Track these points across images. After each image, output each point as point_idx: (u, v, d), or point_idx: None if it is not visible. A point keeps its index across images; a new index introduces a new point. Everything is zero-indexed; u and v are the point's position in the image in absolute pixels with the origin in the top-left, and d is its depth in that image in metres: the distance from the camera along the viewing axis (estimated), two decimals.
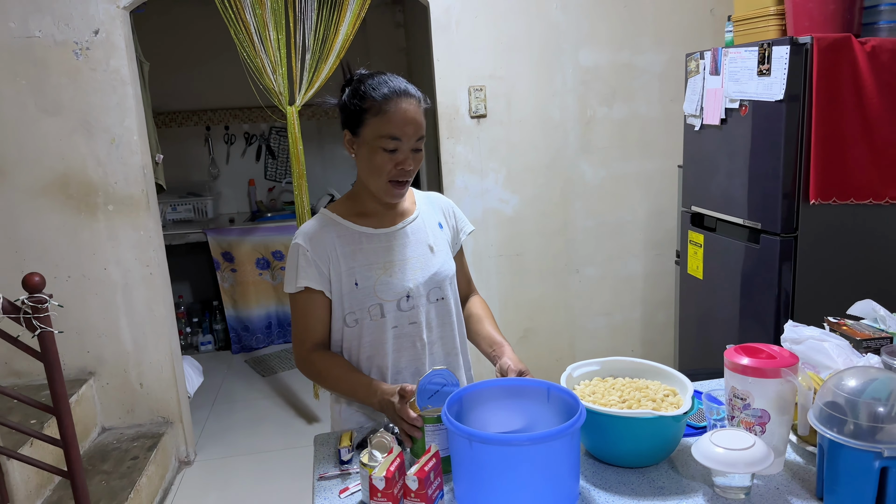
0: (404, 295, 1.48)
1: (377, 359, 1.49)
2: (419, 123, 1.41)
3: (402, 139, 1.39)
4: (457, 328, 1.58)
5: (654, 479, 1.22)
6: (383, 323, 1.47)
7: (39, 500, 2.41)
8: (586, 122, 3.26)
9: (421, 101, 1.43)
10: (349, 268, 1.46)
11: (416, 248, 1.51)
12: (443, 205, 1.63)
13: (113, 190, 2.83)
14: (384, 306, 1.47)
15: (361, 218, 1.50)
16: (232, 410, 3.68)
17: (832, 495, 1.11)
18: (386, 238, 1.50)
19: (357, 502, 1.21)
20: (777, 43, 2.22)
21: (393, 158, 1.40)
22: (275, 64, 3.00)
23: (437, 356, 1.55)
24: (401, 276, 1.48)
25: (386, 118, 1.38)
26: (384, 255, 1.48)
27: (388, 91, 1.39)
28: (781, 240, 2.31)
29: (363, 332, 1.48)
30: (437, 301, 1.52)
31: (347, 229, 1.48)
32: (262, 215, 4.67)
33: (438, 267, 1.52)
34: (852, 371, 1.14)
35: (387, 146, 1.39)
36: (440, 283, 1.52)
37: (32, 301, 1.97)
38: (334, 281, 1.46)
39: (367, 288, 1.46)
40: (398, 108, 1.39)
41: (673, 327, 3.44)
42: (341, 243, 1.47)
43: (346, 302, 1.47)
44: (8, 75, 2.69)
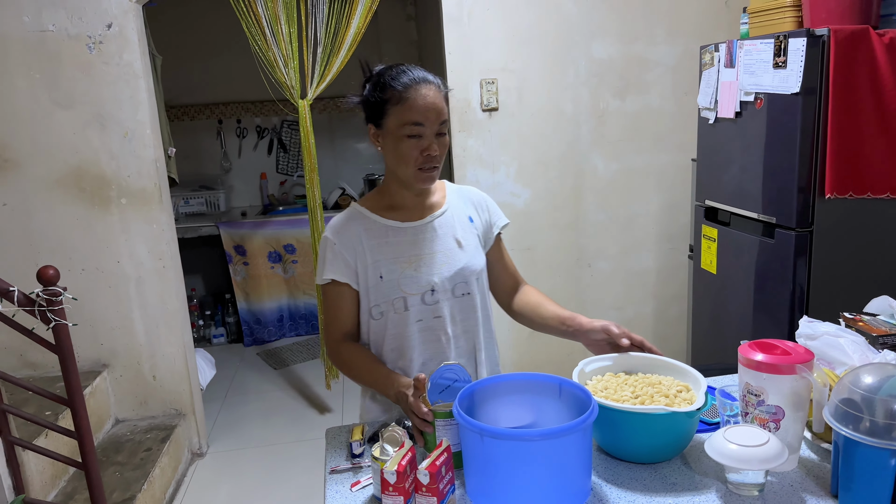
0: (429, 289, 1.49)
1: (402, 351, 1.51)
2: (440, 108, 1.42)
3: (425, 124, 1.40)
4: (481, 323, 1.57)
5: (666, 475, 1.21)
6: (407, 316, 1.49)
7: (54, 490, 2.44)
8: (599, 116, 3.24)
9: (441, 87, 1.44)
10: (375, 261, 1.48)
11: (443, 243, 1.52)
12: (475, 198, 1.62)
13: (126, 183, 2.85)
14: (408, 300, 1.48)
15: (390, 211, 1.52)
16: (244, 403, 3.70)
17: (847, 493, 1.09)
18: (412, 232, 1.51)
19: (368, 496, 1.21)
20: (793, 35, 2.19)
21: (418, 145, 1.41)
22: (286, 57, 3.00)
23: (462, 350, 1.55)
24: (426, 270, 1.49)
25: (407, 105, 1.40)
26: (410, 249, 1.50)
27: (407, 80, 1.42)
28: (796, 234, 2.29)
29: (388, 325, 1.50)
30: (462, 296, 1.52)
31: (375, 222, 1.51)
32: (274, 209, 4.68)
33: (465, 262, 1.52)
34: (869, 368, 1.13)
35: (411, 133, 1.41)
36: (466, 278, 1.52)
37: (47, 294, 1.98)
38: (361, 273, 1.49)
39: (392, 281, 1.47)
40: (419, 94, 1.40)
41: (685, 322, 3.42)
42: (368, 236, 1.49)
43: (372, 295, 1.49)
44: (22, 69, 2.70)
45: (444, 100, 1.45)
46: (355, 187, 4.89)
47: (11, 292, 1.95)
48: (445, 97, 1.46)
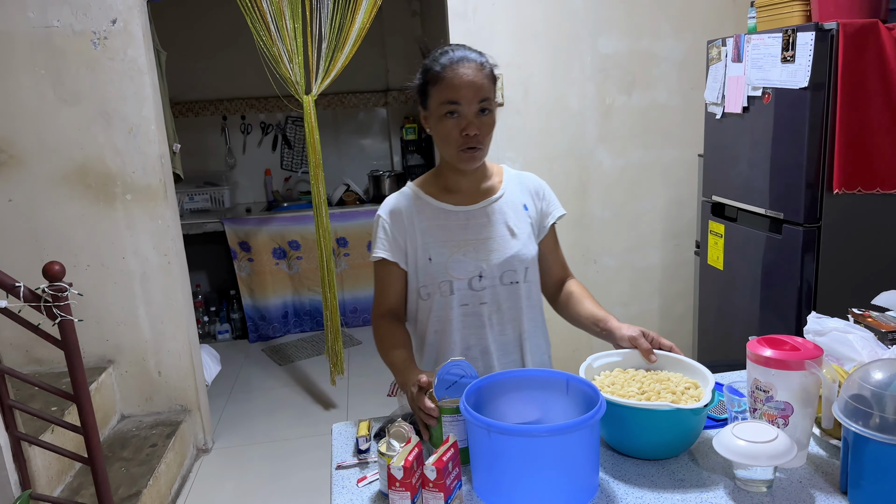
0: (476, 274, 1.49)
1: (445, 334, 1.52)
2: (479, 85, 1.40)
3: (461, 102, 1.39)
4: (527, 312, 1.56)
5: (674, 471, 1.21)
6: (451, 300, 1.50)
7: (60, 485, 2.45)
8: (605, 111, 3.22)
9: (484, 65, 1.43)
10: (424, 243, 1.49)
11: (495, 229, 1.51)
12: (533, 186, 1.60)
13: (131, 179, 2.85)
14: (454, 284, 1.49)
15: (444, 194, 1.53)
16: (249, 399, 3.70)
17: (857, 489, 1.09)
18: (465, 216, 1.51)
19: (375, 492, 1.21)
20: (802, 29, 2.17)
21: (457, 124, 1.41)
22: (291, 53, 3.00)
23: (508, 337, 1.55)
24: (475, 255, 1.49)
25: (444, 84, 1.40)
26: (460, 233, 1.50)
27: (445, 60, 1.42)
28: (804, 230, 2.27)
29: (433, 307, 1.51)
30: (510, 284, 1.52)
31: (428, 204, 1.52)
32: (279, 205, 4.68)
33: (516, 250, 1.51)
34: (879, 363, 1.12)
35: (448, 111, 1.41)
36: (515, 267, 1.51)
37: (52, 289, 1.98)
38: (410, 254, 1.51)
39: (440, 264, 1.49)
40: (456, 73, 1.40)
41: (691, 319, 3.41)
42: (420, 218, 1.51)
43: (420, 276, 1.51)
44: (27, 65, 2.70)
45: (489, 78, 1.43)
46: (360, 184, 4.88)
47: (17, 288, 1.95)
48: (490, 75, 1.44)
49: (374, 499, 1.19)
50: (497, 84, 1.47)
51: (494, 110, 1.45)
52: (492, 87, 1.44)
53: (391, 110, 5.01)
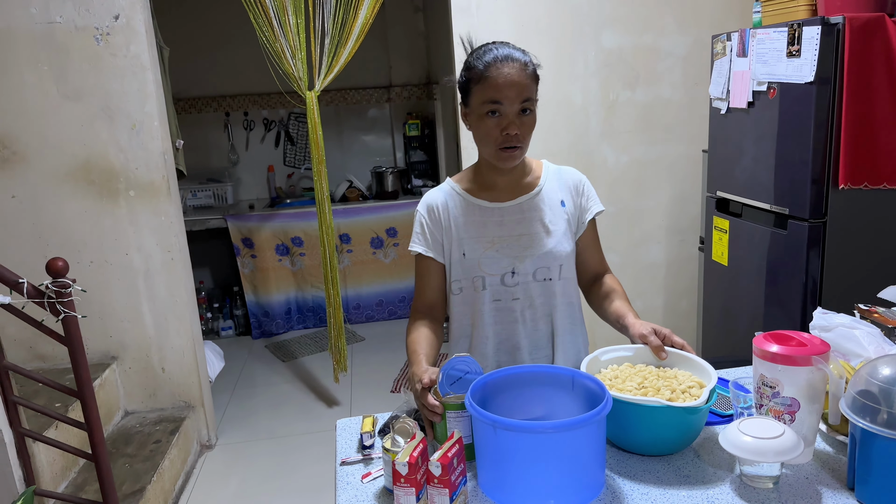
0: (509, 271, 1.50)
1: (478, 329, 1.54)
2: (522, 86, 1.39)
3: (504, 102, 1.39)
4: (561, 309, 1.55)
5: (679, 467, 1.20)
6: (483, 295, 1.51)
7: (65, 481, 2.45)
8: (609, 107, 3.21)
9: (528, 65, 1.42)
10: (459, 238, 1.51)
11: (531, 226, 1.51)
12: (572, 181, 1.59)
13: (134, 176, 2.84)
14: (486, 279, 1.50)
15: (482, 190, 1.54)
16: (253, 395, 3.70)
17: (864, 486, 1.08)
18: (500, 213, 1.51)
19: (379, 488, 1.21)
20: (807, 23, 2.16)
21: (498, 123, 1.40)
22: (294, 49, 2.99)
23: (540, 333, 1.55)
24: (508, 252, 1.50)
25: (487, 83, 1.40)
26: (495, 230, 1.51)
27: (489, 58, 1.41)
28: (809, 225, 2.26)
29: (466, 302, 1.54)
30: (543, 280, 1.52)
31: (464, 200, 1.53)
32: (282, 201, 4.68)
33: (550, 247, 1.51)
34: (886, 359, 1.11)
35: (490, 110, 1.40)
36: (549, 264, 1.51)
37: (56, 286, 1.98)
38: (446, 248, 1.53)
39: (473, 260, 1.50)
40: (499, 72, 1.39)
41: (696, 315, 3.40)
42: (457, 213, 1.52)
43: (454, 270, 1.53)
44: (30, 61, 2.70)
45: (532, 77, 1.42)
46: (363, 180, 4.88)
47: (21, 284, 1.95)
48: (533, 74, 1.42)
49: (379, 495, 1.19)
50: (537, 86, 1.45)
51: (535, 110, 1.44)
52: (534, 86, 1.43)
53: (394, 106, 5.00)
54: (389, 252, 4.57)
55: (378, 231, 4.52)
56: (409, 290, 4.65)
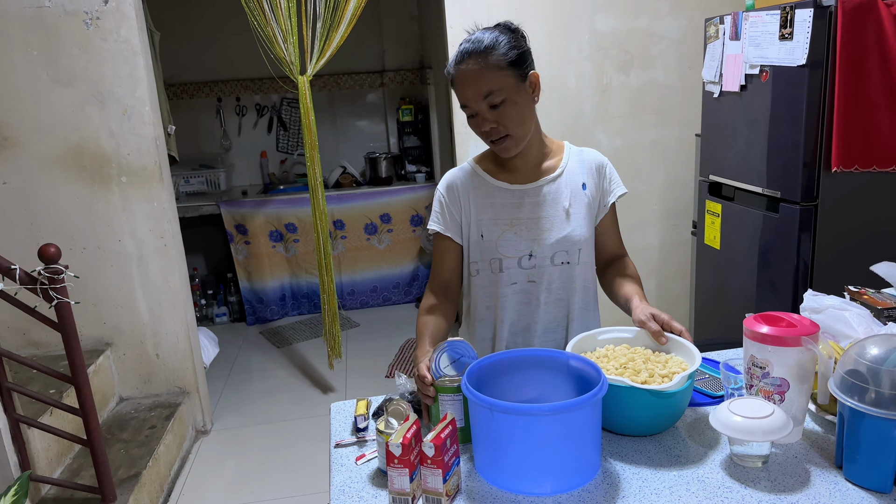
0: (527, 254, 1.49)
1: (494, 310, 1.54)
2: (479, 82, 1.36)
3: (469, 104, 1.39)
4: (579, 293, 1.55)
5: (670, 447, 1.21)
6: (500, 277, 1.51)
7: (60, 467, 2.46)
8: (602, 90, 3.21)
9: (490, 52, 1.36)
10: (478, 219, 1.50)
11: (550, 209, 1.50)
12: (594, 163, 1.57)
13: (126, 161, 2.83)
14: (503, 262, 1.50)
15: (502, 171, 1.52)
16: (248, 381, 3.71)
17: (852, 464, 1.09)
18: (520, 195, 1.50)
19: (373, 469, 1.22)
20: (800, 6, 2.16)
21: (476, 123, 1.41)
22: (286, 33, 2.97)
23: (554, 316, 1.54)
24: (526, 234, 1.49)
25: (455, 88, 1.41)
26: (514, 212, 1.49)
27: (452, 59, 1.41)
28: (801, 209, 2.27)
29: (483, 283, 1.53)
30: (561, 265, 1.51)
31: (484, 181, 1.52)
32: (275, 188, 4.66)
33: (569, 231, 1.49)
34: (875, 339, 1.12)
35: (466, 113, 1.42)
36: (567, 248, 1.50)
37: (48, 272, 1.98)
38: (464, 229, 1.52)
39: (491, 241, 1.49)
40: (458, 74, 1.40)
41: (688, 299, 3.42)
42: (476, 194, 1.51)
43: (472, 252, 1.52)
44: (20, 46, 2.68)
45: (495, 66, 1.35)
46: (356, 166, 4.86)
47: (13, 270, 1.95)
48: (499, 61, 1.36)
49: (373, 476, 1.20)
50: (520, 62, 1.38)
51: (511, 96, 1.37)
52: (500, 73, 1.36)
53: (387, 91, 4.97)
54: (384, 238, 4.57)
55: (372, 217, 4.51)
56: (403, 276, 4.65)
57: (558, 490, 1.10)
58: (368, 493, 1.15)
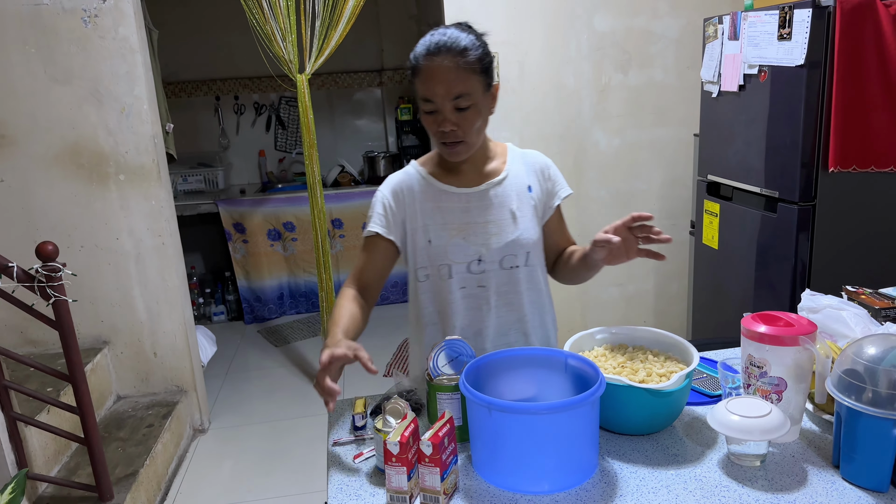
0: (475, 258, 1.47)
1: (443, 315, 1.51)
2: (453, 80, 1.32)
3: (434, 100, 1.34)
4: (528, 296, 1.54)
5: (667, 446, 1.22)
6: (450, 283, 1.48)
7: (57, 465, 2.45)
8: (601, 90, 3.21)
9: (467, 53, 1.33)
10: (425, 224, 1.47)
11: (497, 213, 1.47)
12: (539, 165, 1.54)
13: (124, 160, 2.82)
14: (452, 267, 1.47)
15: (447, 175, 1.49)
16: (246, 380, 3.71)
17: (849, 463, 1.10)
18: (466, 198, 1.47)
19: (371, 467, 1.22)
20: (798, 6, 2.16)
21: (434, 120, 1.37)
22: (284, 31, 2.97)
23: (505, 320, 1.52)
24: (475, 239, 1.46)
25: (420, 79, 1.36)
26: (461, 217, 1.47)
27: (422, 49, 1.35)
28: (799, 208, 2.27)
29: (432, 289, 1.51)
30: (510, 268, 1.49)
31: (430, 185, 1.48)
32: (273, 186, 4.66)
33: (517, 235, 1.48)
34: (872, 338, 1.13)
35: (424, 108, 1.37)
36: (515, 252, 1.48)
37: (46, 269, 1.98)
38: (409, 234, 1.49)
39: (440, 247, 1.46)
40: (428, 67, 1.34)
41: (686, 298, 3.42)
42: (422, 198, 1.48)
43: (419, 257, 1.49)
44: (18, 43, 2.67)
45: (469, 68, 1.33)
46: (355, 165, 4.86)
47: (10, 268, 1.95)
48: (473, 63, 1.33)
49: (371, 474, 1.20)
50: (489, 70, 1.38)
51: (478, 102, 1.36)
52: (473, 77, 1.34)
53: (386, 90, 4.97)
54: None
55: None
56: (402, 274, 4.62)
57: (556, 489, 1.10)
58: (366, 492, 1.15)
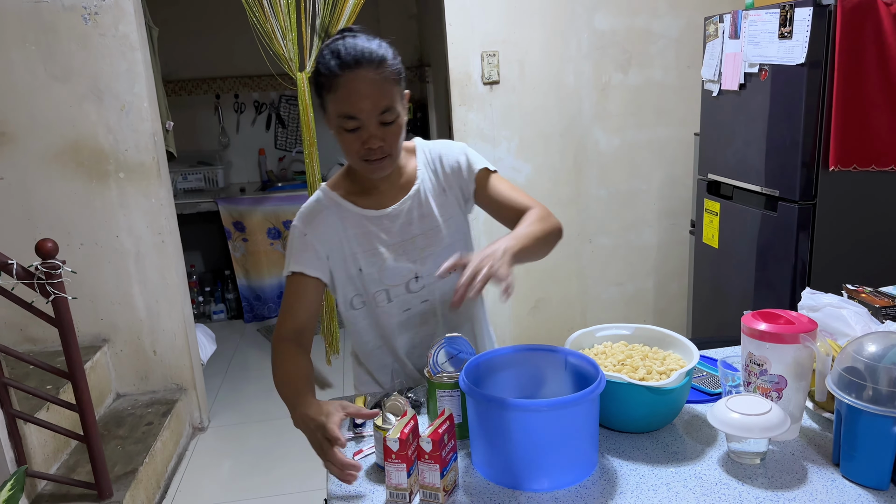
0: (412, 277, 1.40)
1: (388, 340, 1.46)
2: (378, 95, 1.23)
3: (360, 117, 1.23)
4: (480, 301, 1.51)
5: (667, 444, 1.21)
6: (391, 307, 1.42)
7: (56, 463, 2.45)
8: (601, 89, 3.21)
9: (386, 64, 1.25)
10: (352, 253, 1.38)
11: (422, 224, 1.40)
12: (444, 161, 1.44)
13: (124, 157, 2.82)
14: (390, 291, 1.40)
15: (362, 197, 1.39)
16: (245, 378, 3.71)
17: (849, 461, 1.09)
18: (389, 219, 1.39)
19: (371, 465, 1.21)
20: (799, 4, 2.16)
21: (358, 137, 1.26)
22: (284, 29, 2.96)
23: (457, 324, 1.48)
24: (407, 257, 1.39)
25: (339, 95, 1.23)
26: (389, 238, 1.39)
27: (337, 63, 1.22)
28: (799, 207, 2.27)
29: (370, 315, 1.44)
30: (450, 274, 1.44)
31: (349, 211, 1.39)
32: (273, 185, 4.66)
33: (448, 241, 1.42)
34: (872, 336, 1.12)
35: (346, 126, 1.25)
36: (450, 256, 1.42)
37: (46, 267, 1.98)
38: (336, 264, 1.39)
39: (372, 274, 1.38)
40: (350, 82, 1.22)
41: (686, 298, 3.42)
42: (344, 226, 1.38)
43: (350, 286, 1.41)
44: (18, 41, 2.67)
45: (391, 80, 1.25)
46: None
47: (10, 265, 1.95)
48: (394, 74, 1.26)
49: (370, 472, 1.20)
50: (404, 79, 1.30)
51: (401, 114, 1.28)
52: (396, 88, 1.27)
53: None
54: None
55: None
56: None
57: (555, 486, 1.10)
58: (366, 489, 1.15)
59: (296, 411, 1.20)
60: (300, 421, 1.19)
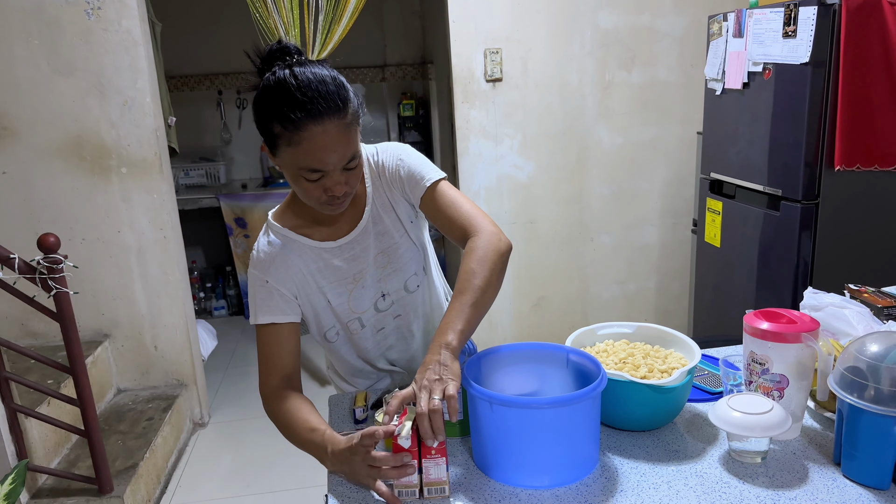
0: (379, 296, 1.39)
1: (367, 361, 1.47)
2: (345, 147, 1.16)
3: (326, 168, 1.16)
4: (442, 293, 1.52)
5: (668, 442, 1.21)
6: (365, 332, 1.42)
7: (57, 458, 2.46)
8: (604, 87, 3.20)
9: (349, 107, 1.16)
10: (318, 287, 1.34)
11: (380, 242, 1.36)
12: (388, 172, 1.35)
13: (126, 152, 2.82)
14: (362, 318, 1.39)
15: (315, 227, 1.34)
16: (246, 374, 3.71)
17: (850, 461, 1.09)
18: (348, 248, 1.34)
19: None
20: (804, 3, 2.15)
21: (319, 185, 1.18)
22: (287, 25, 2.96)
23: (433, 327, 1.49)
24: (371, 281, 1.36)
25: (301, 150, 1.13)
26: (351, 267, 1.35)
27: (298, 117, 1.11)
28: (802, 207, 2.27)
29: (348, 342, 1.44)
30: (417, 288, 1.42)
31: (305, 246, 1.33)
32: (275, 181, 4.65)
33: (408, 257, 1.39)
34: (875, 336, 1.12)
35: (309, 178, 1.17)
36: (414, 270, 1.40)
37: (47, 261, 1.98)
38: (304, 301, 1.34)
39: (341, 305, 1.36)
40: (314, 136, 1.12)
41: (688, 297, 3.42)
42: (303, 262, 1.32)
43: (323, 320, 1.38)
44: (21, 35, 2.67)
45: (353, 122, 1.17)
46: None
47: (12, 259, 1.95)
48: (354, 116, 1.18)
49: None
50: (360, 120, 1.21)
51: (360, 153, 1.22)
52: (357, 129, 1.19)
53: (389, 86, 4.96)
54: None
55: None
56: None
57: (556, 483, 1.09)
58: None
59: (327, 456, 1.17)
60: (336, 462, 1.15)
